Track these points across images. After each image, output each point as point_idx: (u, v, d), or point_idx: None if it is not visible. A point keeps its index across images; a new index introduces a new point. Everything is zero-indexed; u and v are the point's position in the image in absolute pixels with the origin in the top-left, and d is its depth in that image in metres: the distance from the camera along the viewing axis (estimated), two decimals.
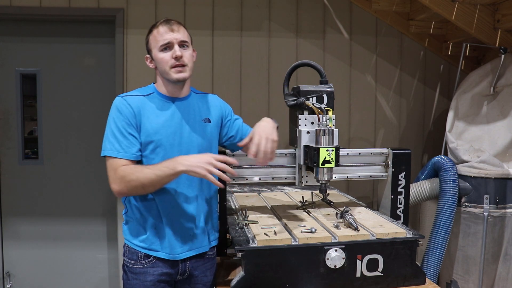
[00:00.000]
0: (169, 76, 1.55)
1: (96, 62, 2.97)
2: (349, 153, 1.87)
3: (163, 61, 1.53)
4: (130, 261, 1.57)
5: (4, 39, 2.89)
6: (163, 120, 1.54)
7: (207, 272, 1.65)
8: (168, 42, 1.52)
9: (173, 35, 1.53)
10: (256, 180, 1.79)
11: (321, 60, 3.01)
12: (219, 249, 1.75)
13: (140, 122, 1.51)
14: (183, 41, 1.55)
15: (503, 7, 2.59)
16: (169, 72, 1.54)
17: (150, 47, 1.58)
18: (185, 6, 2.87)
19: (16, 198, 2.96)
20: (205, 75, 2.93)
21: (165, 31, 1.53)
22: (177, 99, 1.60)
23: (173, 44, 1.53)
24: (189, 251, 1.58)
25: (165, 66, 1.54)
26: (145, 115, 1.52)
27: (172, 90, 1.59)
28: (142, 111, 1.52)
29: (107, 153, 1.49)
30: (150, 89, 1.61)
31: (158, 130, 1.52)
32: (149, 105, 1.55)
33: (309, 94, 1.68)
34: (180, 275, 1.60)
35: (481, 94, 2.70)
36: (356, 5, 3.00)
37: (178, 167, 1.41)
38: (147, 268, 1.55)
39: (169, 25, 1.54)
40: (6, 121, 2.94)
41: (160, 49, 1.53)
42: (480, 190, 2.45)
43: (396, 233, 1.54)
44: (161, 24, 1.55)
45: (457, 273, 2.56)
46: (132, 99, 1.54)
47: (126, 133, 1.49)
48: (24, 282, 3.01)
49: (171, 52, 1.53)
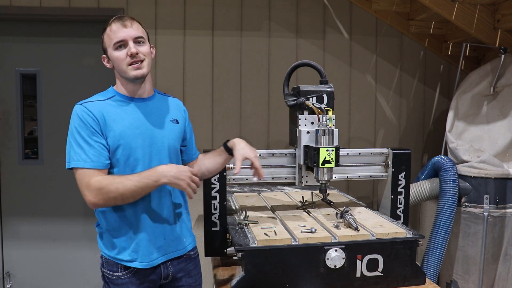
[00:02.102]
0: (126, 75, 1.48)
1: (96, 62, 2.97)
2: (349, 153, 1.87)
3: (118, 59, 1.47)
4: (111, 272, 1.51)
5: (4, 39, 2.89)
6: (129, 122, 1.48)
7: (191, 273, 1.63)
8: (122, 40, 1.46)
9: (126, 32, 1.46)
10: (256, 180, 1.78)
11: (321, 60, 3.01)
12: (219, 249, 1.75)
13: (104, 128, 1.45)
14: (137, 37, 1.48)
15: (503, 7, 2.59)
16: (126, 70, 1.47)
17: (105, 46, 1.51)
18: (185, 6, 2.87)
19: (16, 198, 2.96)
20: (205, 75, 2.93)
21: (117, 28, 1.46)
22: (141, 99, 1.54)
23: (127, 41, 1.46)
24: (164, 256, 1.54)
25: (122, 65, 1.47)
26: (109, 120, 1.46)
27: (133, 89, 1.53)
28: (105, 116, 1.46)
29: (74, 165, 1.42)
30: (109, 93, 1.55)
31: (124, 132, 1.46)
32: (112, 109, 1.48)
33: (309, 94, 1.68)
34: (163, 279, 1.56)
35: (481, 94, 2.70)
36: (356, 5, 3.00)
37: (162, 179, 1.39)
38: (129, 278, 1.50)
39: (121, 22, 1.47)
40: (6, 121, 2.94)
41: (115, 48, 1.47)
42: (480, 190, 2.45)
43: (396, 233, 1.54)
44: (114, 21, 1.48)
45: (457, 273, 2.56)
46: (92, 105, 1.47)
47: (92, 141, 1.42)
48: (24, 282, 3.01)
49: (126, 50, 1.46)
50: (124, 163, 1.47)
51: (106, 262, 1.53)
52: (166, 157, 1.53)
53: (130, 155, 1.47)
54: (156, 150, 1.51)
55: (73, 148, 1.44)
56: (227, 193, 1.89)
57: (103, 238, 1.55)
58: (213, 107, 2.95)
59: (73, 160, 1.43)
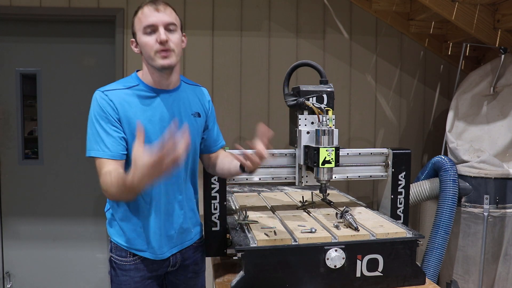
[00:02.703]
0: (154, 63, 1.41)
1: (96, 62, 2.97)
2: (349, 153, 1.87)
3: (147, 45, 1.40)
4: (119, 258, 1.52)
5: (4, 39, 2.89)
6: (149, 115, 1.44)
7: (198, 260, 1.66)
8: (152, 25, 1.38)
9: (158, 16, 1.39)
10: (256, 180, 1.79)
11: (321, 60, 3.01)
12: (219, 249, 1.75)
13: (124, 118, 1.41)
14: (169, 23, 1.40)
15: (503, 7, 2.59)
16: (154, 58, 1.40)
17: (135, 29, 1.45)
18: (185, 6, 2.87)
19: (16, 198, 2.96)
20: (205, 75, 2.93)
21: (149, 11, 1.39)
22: (165, 91, 1.49)
23: (158, 27, 1.38)
24: (174, 247, 1.57)
25: (150, 51, 1.40)
26: (130, 111, 1.42)
27: (159, 79, 1.47)
28: (126, 107, 1.42)
29: (93, 154, 1.41)
30: (133, 80, 1.49)
31: (145, 126, 1.40)
32: (133, 100, 1.44)
33: (309, 94, 1.68)
34: (171, 267, 1.59)
35: (481, 94, 2.70)
36: (356, 5, 3.00)
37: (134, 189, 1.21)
38: (137, 264, 1.51)
39: (154, 6, 1.40)
40: (6, 121, 2.94)
41: (144, 32, 1.40)
42: (480, 190, 2.45)
43: (396, 233, 1.54)
44: (147, 4, 1.42)
45: (457, 273, 2.56)
46: (113, 94, 1.43)
47: (110, 131, 1.40)
48: (24, 282, 3.01)
49: (156, 36, 1.39)
50: None
51: (115, 247, 1.53)
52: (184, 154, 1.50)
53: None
54: None
55: (92, 136, 1.43)
56: (227, 193, 1.88)
57: (112, 225, 1.55)
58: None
59: (92, 150, 1.42)
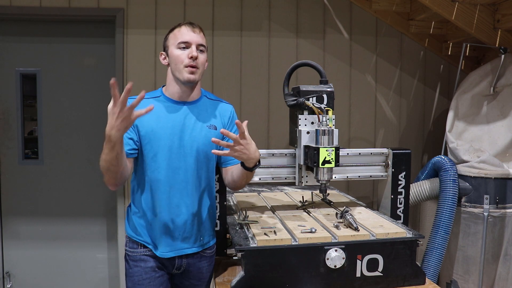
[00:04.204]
0: (181, 75, 1.56)
1: (96, 62, 2.97)
2: (349, 153, 1.87)
3: (178, 58, 1.56)
4: (131, 249, 1.62)
5: (4, 39, 2.89)
6: (162, 122, 1.56)
7: (203, 269, 1.67)
8: (187, 42, 1.56)
9: (193, 36, 1.57)
10: (256, 180, 1.79)
11: (321, 60, 3.01)
12: (219, 249, 1.75)
13: (137, 122, 1.52)
14: (201, 44, 1.59)
15: (503, 7, 2.59)
16: (182, 71, 1.56)
17: (168, 44, 1.61)
18: (185, 6, 2.87)
19: (16, 198, 2.96)
20: (205, 75, 2.88)
21: (187, 30, 1.58)
22: (184, 103, 1.61)
23: (191, 44, 1.56)
24: (177, 250, 1.59)
25: (179, 64, 1.56)
26: (145, 116, 1.44)
27: (181, 92, 1.60)
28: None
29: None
30: (157, 93, 1.64)
31: (156, 131, 1.54)
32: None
33: (309, 94, 1.68)
34: (175, 269, 1.63)
35: (481, 94, 2.70)
36: (356, 5, 3.00)
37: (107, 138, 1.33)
38: (147, 255, 1.59)
39: (191, 27, 1.59)
40: (6, 121, 2.94)
41: (178, 46, 1.56)
42: (480, 190, 2.45)
43: (396, 233, 1.54)
44: (185, 24, 1.60)
45: (457, 273, 2.57)
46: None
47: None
48: (24, 282, 3.01)
49: (188, 51, 1.56)
50: (151, 159, 1.55)
51: (129, 241, 1.64)
52: (193, 161, 1.58)
53: (157, 153, 1.55)
54: (183, 153, 1.57)
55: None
56: (227, 193, 1.89)
57: (129, 219, 1.65)
58: None
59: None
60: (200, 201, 1.62)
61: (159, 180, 1.56)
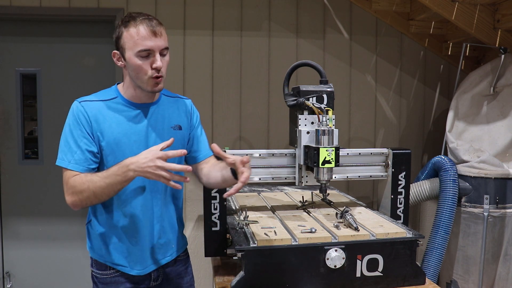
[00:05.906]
0: (144, 87, 1.39)
1: (96, 62, 2.97)
2: (349, 153, 1.87)
3: (140, 69, 1.35)
4: (99, 271, 1.50)
5: (4, 39, 2.89)
6: (125, 129, 1.41)
7: (182, 273, 1.64)
8: (149, 49, 1.34)
9: (156, 42, 1.34)
10: (256, 180, 1.79)
11: (321, 60, 3.00)
12: (219, 249, 1.75)
13: (97, 131, 1.39)
14: (165, 47, 1.38)
15: (503, 7, 2.59)
16: (145, 82, 1.38)
17: (123, 45, 1.36)
18: (185, 6, 2.87)
19: (16, 198, 2.96)
20: (205, 75, 2.93)
21: (147, 34, 1.33)
22: (143, 106, 1.46)
23: (155, 52, 1.35)
24: (152, 265, 1.52)
25: (142, 75, 1.36)
26: (105, 124, 1.39)
27: (140, 97, 1.45)
28: (100, 119, 1.39)
29: (60, 163, 1.40)
30: (112, 93, 1.46)
31: (119, 140, 1.40)
32: (110, 113, 1.41)
33: (309, 94, 1.68)
34: (153, 281, 1.55)
35: (481, 94, 2.70)
36: (356, 5, 3.00)
37: (129, 173, 1.26)
38: (117, 277, 1.49)
39: (151, 28, 1.34)
40: (6, 121, 2.94)
41: (138, 55, 1.34)
42: (480, 190, 2.45)
43: (396, 233, 1.54)
44: (142, 23, 1.34)
45: (457, 273, 2.56)
46: (90, 105, 1.41)
47: (81, 143, 1.38)
48: (24, 282, 3.01)
49: (150, 61, 1.35)
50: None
51: (95, 262, 1.53)
52: None
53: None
54: None
55: (63, 146, 1.41)
56: None
57: (91, 239, 1.54)
58: (213, 107, 2.95)
59: (60, 159, 1.41)
60: (170, 208, 1.56)
61: (126, 193, 1.42)
